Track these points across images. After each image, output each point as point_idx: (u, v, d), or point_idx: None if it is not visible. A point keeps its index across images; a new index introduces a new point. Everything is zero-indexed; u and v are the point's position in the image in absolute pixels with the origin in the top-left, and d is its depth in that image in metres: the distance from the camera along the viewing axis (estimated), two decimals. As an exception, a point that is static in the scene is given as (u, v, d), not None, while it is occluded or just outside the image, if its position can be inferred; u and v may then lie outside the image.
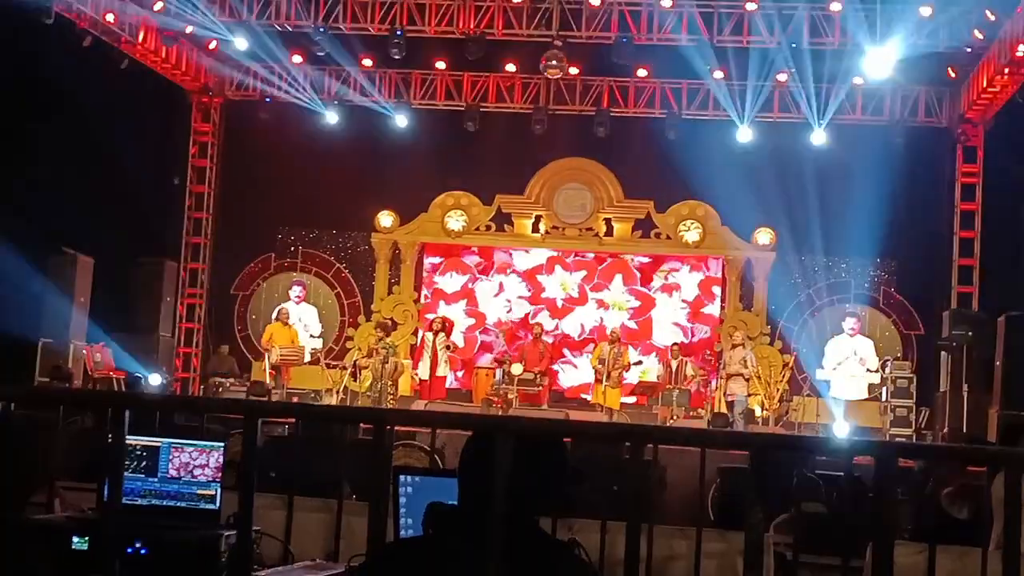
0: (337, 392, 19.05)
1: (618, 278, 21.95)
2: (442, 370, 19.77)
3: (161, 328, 20.52)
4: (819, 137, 19.92)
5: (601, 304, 21.94)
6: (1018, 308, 16.83)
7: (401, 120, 21.20)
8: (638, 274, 21.99)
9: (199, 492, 5.78)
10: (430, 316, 21.36)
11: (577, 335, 21.92)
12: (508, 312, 22.04)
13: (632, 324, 21.76)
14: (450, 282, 22.31)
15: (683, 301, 21.85)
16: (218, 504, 5.76)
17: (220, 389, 18.89)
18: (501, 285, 22.23)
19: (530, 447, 3.57)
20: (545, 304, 22.07)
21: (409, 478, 4.61)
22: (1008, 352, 16.55)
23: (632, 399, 20.04)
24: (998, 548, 3.59)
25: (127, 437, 4.49)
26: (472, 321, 22.18)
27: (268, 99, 21.16)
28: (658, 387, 19.45)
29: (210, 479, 5.79)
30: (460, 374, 21.43)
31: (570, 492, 3.75)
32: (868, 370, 19.88)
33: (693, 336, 21.73)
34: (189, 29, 18.91)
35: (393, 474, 4.60)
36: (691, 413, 18.98)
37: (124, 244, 19.73)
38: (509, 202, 21.98)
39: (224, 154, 22.27)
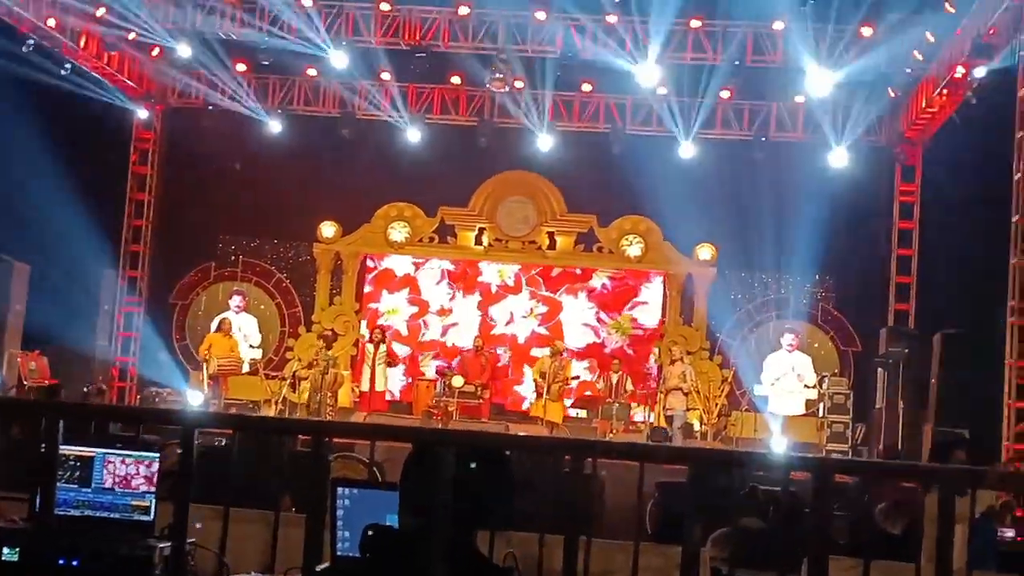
0: (276, 403, 18.93)
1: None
2: (381, 384, 19.71)
3: (99, 337, 20.29)
4: (760, 154, 20.07)
5: (533, 296, 21.99)
6: (953, 326, 17.03)
7: (345, 130, 21.11)
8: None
9: (133, 503, 5.72)
10: (372, 306, 21.32)
11: (506, 322, 21.90)
12: (451, 299, 22.00)
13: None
14: (391, 276, 22.25)
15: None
16: (152, 516, 5.70)
17: (157, 399, 18.71)
18: (443, 272, 22.20)
19: (477, 460, 3.56)
20: (479, 289, 22.07)
21: (347, 490, 4.59)
22: (943, 370, 16.74)
23: (574, 412, 20.06)
24: (930, 562, 3.64)
25: (61, 446, 4.43)
26: (415, 309, 22.15)
27: (211, 107, 21.02)
28: (598, 400, 19.50)
29: (145, 490, 5.72)
30: (401, 380, 21.27)
31: (514, 507, 3.74)
32: (806, 386, 20.08)
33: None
34: (132, 35, 18.73)
35: (331, 486, 4.58)
36: (630, 427, 19.06)
37: (63, 251, 19.48)
38: (453, 214, 21.97)
39: (165, 162, 22.08)
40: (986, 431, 15.02)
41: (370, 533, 3.54)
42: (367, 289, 22.17)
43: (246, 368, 19.99)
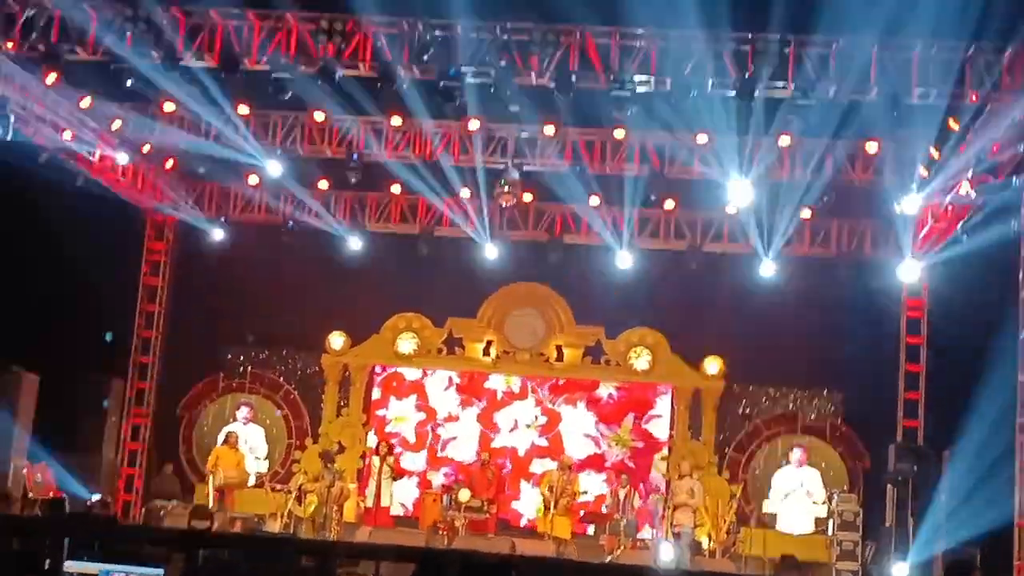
0: (281, 516, 18.76)
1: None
2: (387, 498, 19.57)
3: (105, 448, 20.25)
4: (768, 268, 20.15)
5: (539, 403, 21.96)
6: (964, 442, 16.93)
7: (355, 242, 21.29)
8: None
9: (138, 619, 5.67)
10: (379, 413, 21.44)
11: (510, 429, 21.82)
12: (459, 406, 21.95)
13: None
14: (399, 382, 22.26)
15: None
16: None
17: (162, 512, 18.56)
18: (450, 379, 22.19)
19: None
20: (485, 395, 22.04)
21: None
22: (953, 486, 16.60)
23: (581, 528, 19.88)
24: None
25: (65, 562, 4.41)
26: (423, 416, 22.10)
27: (223, 219, 21.22)
28: (606, 516, 19.33)
29: (149, 606, 5.68)
30: (411, 492, 21.13)
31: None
32: (815, 502, 19.90)
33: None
34: (146, 148, 18.97)
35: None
36: (638, 543, 18.84)
37: (72, 360, 19.54)
38: (461, 325, 22.03)
39: (176, 272, 22.22)
40: (998, 549, 14.86)
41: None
42: (375, 395, 22.15)
43: (252, 481, 19.88)
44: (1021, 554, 14.46)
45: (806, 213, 19.49)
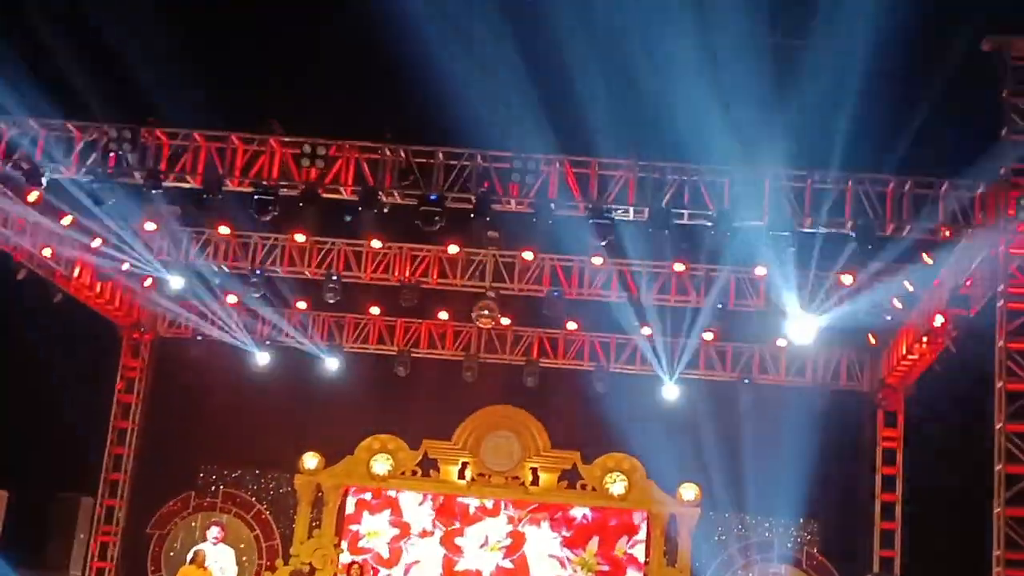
0: (249, 639, 18.47)
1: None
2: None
3: (72, 566, 19.94)
4: (744, 396, 20.21)
5: (511, 520, 21.74)
6: (941, 573, 16.86)
7: (332, 363, 21.29)
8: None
9: None
10: (352, 528, 21.24)
11: (480, 545, 21.56)
12: (432, 520, 21.73)
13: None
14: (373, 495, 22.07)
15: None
16: None
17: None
18: (425, 494, 21.97)
19: None
20: (458, 511, 21.82)
21: None
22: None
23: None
24: None
25: None
26: (396, 531, 21.83)
27: (200, 336, 21.23)
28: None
29: None
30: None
31: None
32: (790, 632, 19.71)
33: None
34: (125, 266, 19.03)
35: None
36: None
37: (42, 478, 19.34)
38: (436, 447, 21.94)
39: (151, 390, 22.11)
40: None
41: None
42: (349, 510, 21.92)
43: (221, 602, 19.55)
44: None
45: (782, 342, 19.62)
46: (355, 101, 15.82)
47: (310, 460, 21.74)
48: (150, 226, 17.65)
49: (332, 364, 21.32)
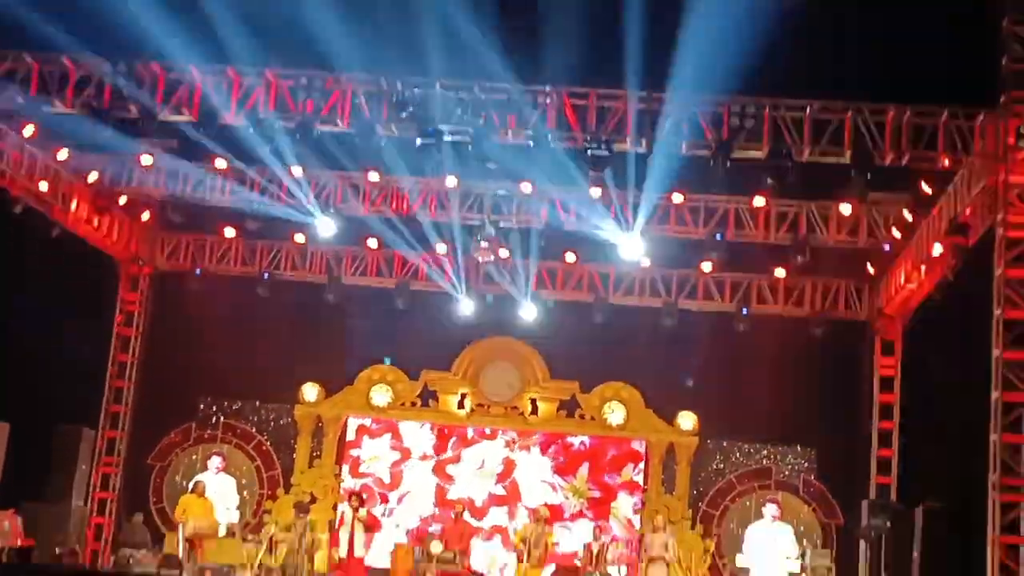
0: (252, 567, 18.62)
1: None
2: (360, 549, 19.43)
3: (74, 497, 20.08)
4: (741, 326, 20.25)
5: (508, 445, 21.95)
6: (936, 499, 16.99)
7: (332, 294, 21.29)
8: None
9: None
10: (353, 453, 21.45)
11: (477, 467, 21.80)
12: (433, 445, 21.96)
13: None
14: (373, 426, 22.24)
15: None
16: None
17: (131, 561, 18.40)
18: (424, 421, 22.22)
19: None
20: (457, 435, 22.02)
21: None
22: (925, 544, 16.65)
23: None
24: None
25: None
26: (397, 455, 22.08)
27: (198, 269, 21.22)
28: (578, 570, 19.26)
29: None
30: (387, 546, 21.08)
31: None
32: (788, 558, 19.84)
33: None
34: (123, 199, 18.97)
35: None
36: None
37: (43, 410, 19.41)
38: (435, 379, 22.06)
39: (151, 322, 22.15)
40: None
41: None
42: (349, 436, 22.08)
43: (223, 531, 19.72)
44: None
45: (780, 272, 19.64)
46: (352, 35, 15.64)
47: (310, 391, 21.88)
48: (146, 160, 17.59)
49: (332, 296, 21.28)
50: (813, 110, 15.06)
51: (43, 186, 17.89)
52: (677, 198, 17.94)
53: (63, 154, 17.13)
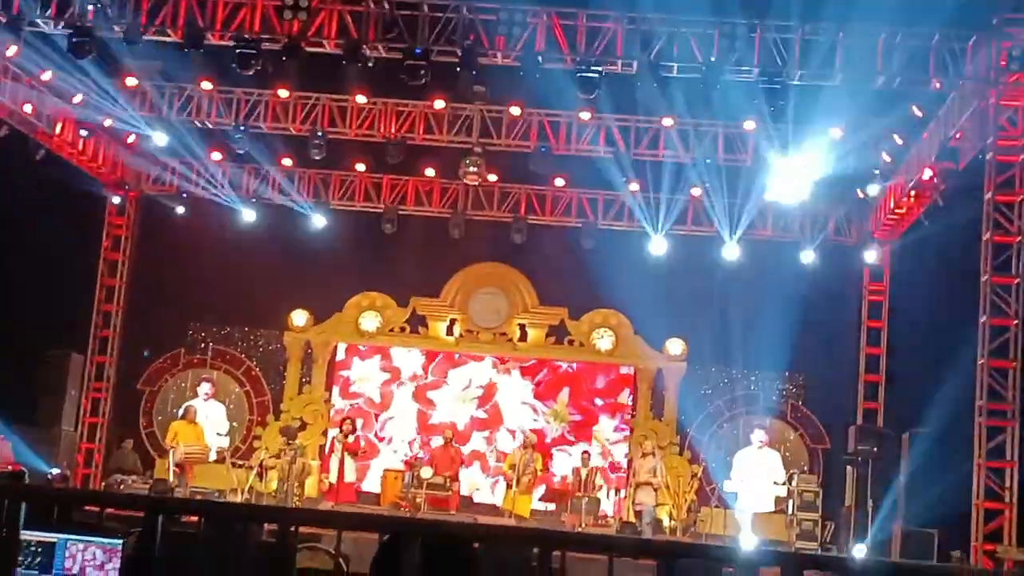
0: (242, 492, 18.71)
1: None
2: (350, 474, 19.53)
3: (64, 422, 20.12)
4: (731, 251, 20.23)
5: (502, 361, 22.02)
6: (923, 424, 17.06)
7: (319, 220, 21.21)
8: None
9: (96, 591, 5.64)
10: (343, 373, 21.51)
11: (463, 388, 21.89)
12: (422, 366, 22.02)
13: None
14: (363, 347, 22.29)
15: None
16: (115, 604, 5.62)
17: (122, 486, 18.49)
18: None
19: (443, 553, 3.55)
20: (443, 354, 22.11)
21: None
22: (912, 468, 16.75)
23: (542, 505, 19.98)
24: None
25: (22, 531, 4.39)
26: (387, 376, 22.17)
27: (185, 194, 21.10)
28: (567, 494, 19.39)
29: (108, 577, 5.65)
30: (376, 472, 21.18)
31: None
32: (775, 483, 19.98)
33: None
34: (108, 122, 18.81)
35: (296, 577, 4.55)
36: (599, 521, 18.93)
37: (32, 335, 19.38)
38: (424, 305, 22.06)
39: (138, 248, 22.07)
40: (957, 531, 15.01)
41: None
42: (339, 356, 22.12)
43: (213, 456, 19.78)
44: (979, 536, 14.62)
45: (770, 197, 19.58)
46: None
47: (299, 317, 21.88)
48: (131, 81, 17.42)
49: (318, 221, 21.21)
50: (804, 33, 14.92)
51: (27, 108, 17.70)
52: (668, 122, 17.84)
53: (47, 75, 16.91)
